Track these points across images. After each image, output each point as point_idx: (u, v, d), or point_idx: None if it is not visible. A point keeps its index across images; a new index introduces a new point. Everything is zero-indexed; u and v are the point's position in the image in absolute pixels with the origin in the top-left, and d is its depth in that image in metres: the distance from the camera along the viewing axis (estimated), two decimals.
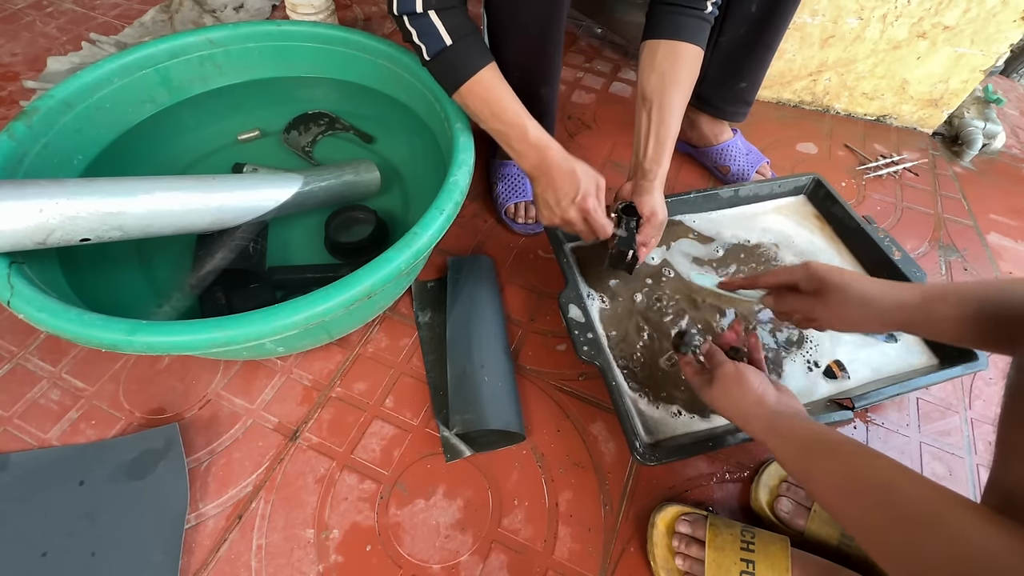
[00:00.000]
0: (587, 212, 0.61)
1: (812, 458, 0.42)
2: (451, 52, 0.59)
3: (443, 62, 0.60)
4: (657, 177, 0.65)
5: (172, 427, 0.62)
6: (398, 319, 0.74)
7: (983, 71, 0.99)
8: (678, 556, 0.54)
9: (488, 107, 0.61)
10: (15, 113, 0.69)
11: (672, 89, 0.66)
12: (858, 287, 0.51)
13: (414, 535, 0.58)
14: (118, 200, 0.54)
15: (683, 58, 0.66)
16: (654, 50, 0.67)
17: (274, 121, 0.86)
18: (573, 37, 1.26)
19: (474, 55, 0.60)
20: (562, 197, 0.61)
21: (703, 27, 0.67)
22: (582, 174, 0.61)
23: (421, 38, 0.59)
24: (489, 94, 0.61)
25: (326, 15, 1.09)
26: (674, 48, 0.66)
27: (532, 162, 0.62)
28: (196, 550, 0.56)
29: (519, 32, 0.64)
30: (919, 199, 0.97)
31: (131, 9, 1.24)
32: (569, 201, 0.61)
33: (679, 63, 0.66)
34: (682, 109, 0.67)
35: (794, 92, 1.11)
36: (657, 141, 0.66)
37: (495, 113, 0.61)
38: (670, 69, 0.66)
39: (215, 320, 0.47)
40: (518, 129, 0.61)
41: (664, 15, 0.67)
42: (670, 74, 0.66)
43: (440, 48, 0.59)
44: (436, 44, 0.59)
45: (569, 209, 0.62)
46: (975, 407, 0.71)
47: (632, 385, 0.66)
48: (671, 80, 0.66)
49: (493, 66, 0.61)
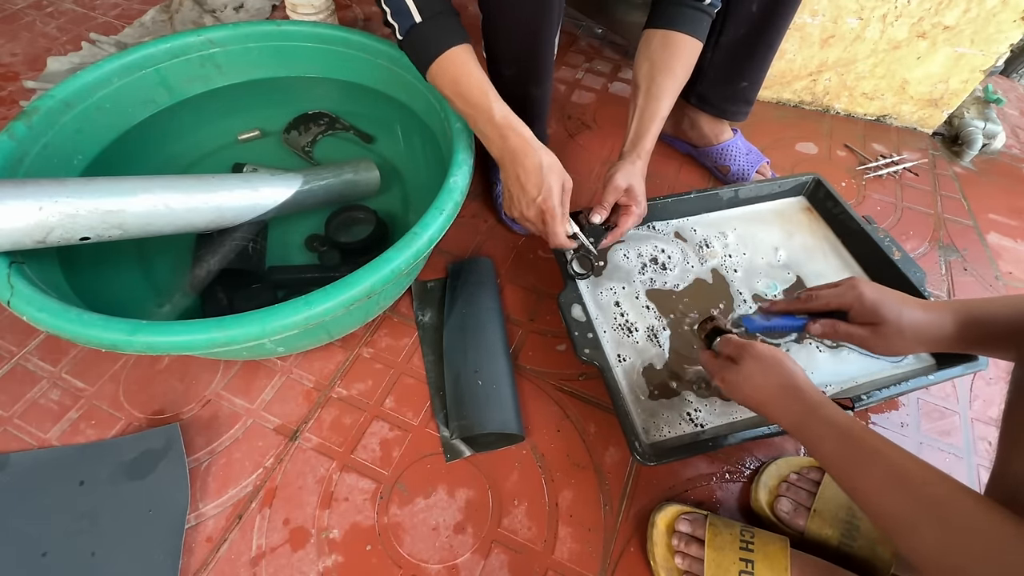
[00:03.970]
0: (545, 214, 0.60)
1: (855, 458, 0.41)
2: (421, 29, 0.57)
3: (414, 40, 0.58)
4: (637, 157, 0.65)
5: (172, 427, 0.62)
6: (398, 319, 0.74)
7: (983, 71, 0.99)
8: (678, 555, 0.54)
9: (455, 86, 0.58)
10: (15, 113, 0.69)
11: (661, 76, 0.66)
12: (911, 321, 0.51)
13: (414, 535, 0.58)
14: (118, 199, 0.54)
15: (676, 47, 0.66)
16: (649, 39, 0.68)
17: (274, 121, 0.86)
18: (573, 37, 1.26)
19: (445, 33, 0.58)
20: (524, 193, 0.59)
21: (701, 18, 0.67)
22: (547, 171, 0.58)
23: (394, 16, 0.58)
24: (456, 73, 0.58)
25: (326, 15, 1.09)
26: (668, 37, 0.67)
27: (498, 146, 0.59)
28: (196, 550, 0.56)
29: (511, 31, 0.64)
30: (919, 199, 0.97)
31: (131, 9, 1.24)
32: (530, 199, 0.59)
33: (670, 51, 0.66)
34: (671, 96, 0.67)
35: (794, 92, 1.11)
36: (640, 124, 0.66)
37: (461, 92, 0.58)
38: (661, 57, 0.67)
39: (215, 320, 0.47)
40: (484, 111, 0.58)
41: (663, 6, 0.68)
42: (660, 62, 0.66)
43: (410, 25, 0.57)
44: (406, 21, 0.57)
45: (530, 207, 0.60)
46: (975, 407, 0.71)
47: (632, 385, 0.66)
48: (660, 67, 0.66)
49: (465, 46, 0.58)
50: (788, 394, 0.46)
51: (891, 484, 0.38)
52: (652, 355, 0.69)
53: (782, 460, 0.62)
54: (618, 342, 0.70)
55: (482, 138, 0.61)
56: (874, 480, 0.39)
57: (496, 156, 0.61)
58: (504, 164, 0.60)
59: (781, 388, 0.47)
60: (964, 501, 0.34)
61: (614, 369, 0.66)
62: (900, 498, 0.37)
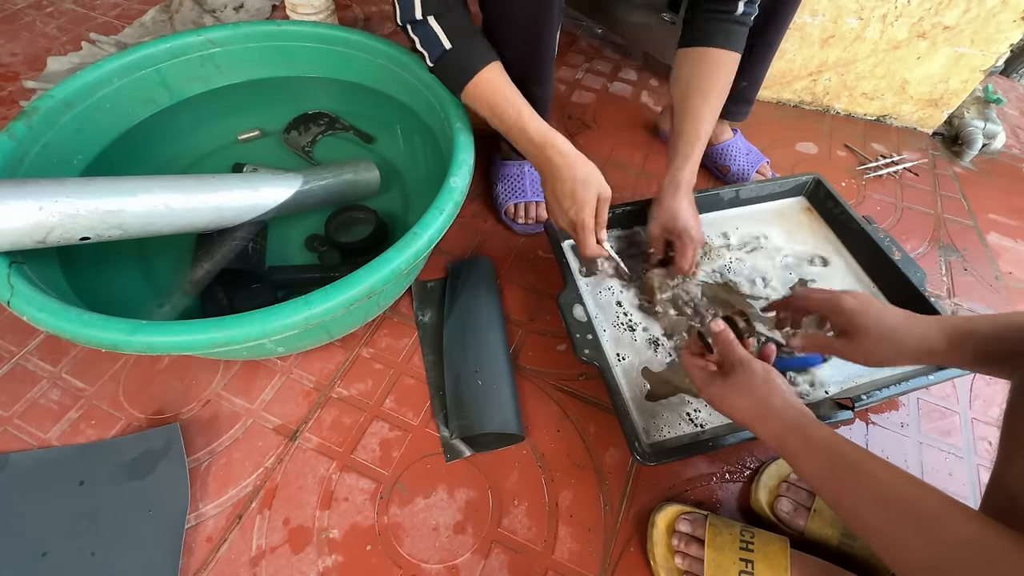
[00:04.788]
0: (576, 226, 0.61)
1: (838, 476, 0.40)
2: (452, 55, 0.60)
3: (445, 66, 0.61)
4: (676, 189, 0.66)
5: (172, 427, 0.62)
6: (398, 319, 0.74)
7: (983, 71, 0.99)
8: (678, 555, 0.54)
9: (489, 108, 0.62)
10: (15, 113, 0.69)
11: (693, 96, 0.66)
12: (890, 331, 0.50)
13: (414, 535, 0.58)
14: (118, 198, 0.54)
15: (706, 64, 0.66)
16: (681, 61, 0.68)
17: (274, 121, 0.86)
18: (573, 37, 1.26)
19: (475, 56, 0.61)
20: (559, 205, 0.62)
21: (734, 30, 0.66)
22: (582, 186, 0.59)
23: (424, 45, 0.60)
24: (490, 95, 0.61)
25: (326, 15, 1.09)
26: (699, 55, 0.66)
27: (536, 161, 0.62)
28: (196, 550, 0.56)
29: (511, 31, 0.64)
30: (919, 199, 0.97)
31: (131, 9, 1.24)
32: (564, 211, 0.61)
33: (701, 69, 0.66)
34: (708, 114, 0.66)
35: (794, 92, 1.11)
36: (674, 149, 0.67)
37: (496, 114, 0.62)
38: (691, 77, 0.66)
39: (215, 320, 0.47)
40: (520, 131, 0.61)
41: (693, 22, 0.67)
42: (691, 82, 0.66)
43: (441, 52, 0.60)
44: (437, 49, 0.60)
45: (563, 218, 0.62)
46: (975, 407, 0.71)
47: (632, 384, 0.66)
48: (692, 88, 0.66)
49: (495, 65, 0.61)
50: (768, 413, 0.46)
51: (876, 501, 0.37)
52: (651, 355, 0.69)
53: (782, 460, 0.62)
54: (617, 340, 0.70)
55: (522, 151, 0.63)
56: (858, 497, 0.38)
57: (536, 168, 0.63)
58: (543, 177, 0.63)
59: (761, 406, 0.46)
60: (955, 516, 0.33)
61: (614, 369, 0.66)
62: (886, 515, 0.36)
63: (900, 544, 0.35)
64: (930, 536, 0.34)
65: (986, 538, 0.31)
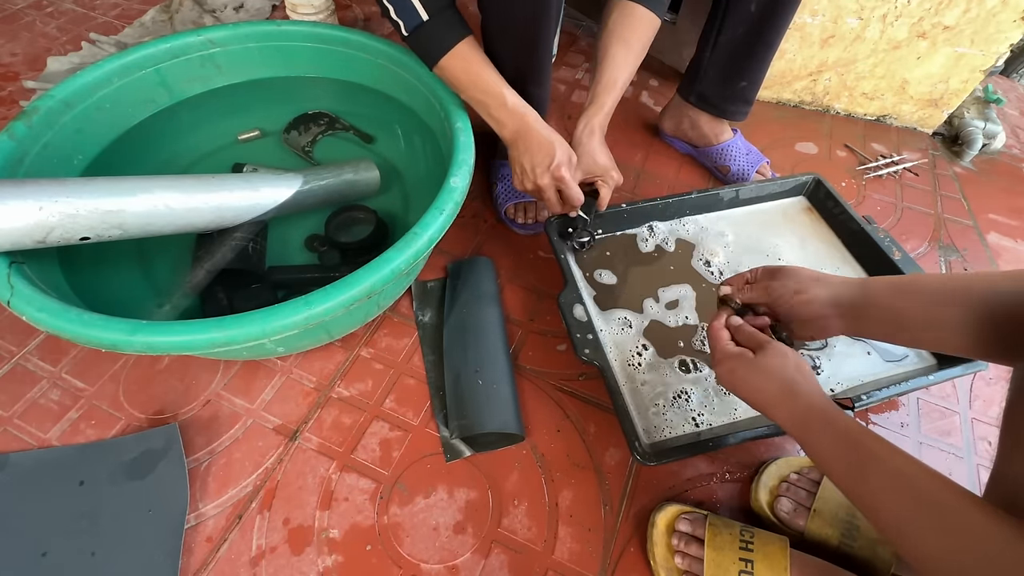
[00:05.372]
0: (560, 180, 0.65)
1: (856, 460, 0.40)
2: (429, 27, 0.61)
3: (421, 37, 0.62)
4: (592, 132, 0.68)
5: (172, 427, 0.62)
6: (398, 319, 0.74)
7: (983, 71, 0.99)
8: (677, 555, 0.54)
9: (468, 77, 0.64)
10: (15, 113, 0.69)
11: (615, 44, 0.69)
12: (808, 271, 0.53)
13: (414, 535, 0.58)
14: (118, 199, 0.54)
15: (632, 17, 0.69)
16: (608, 12, 0.70)
17: (274, 121, 0.86)
18: (573, 37, 1.26)
19: (452, 28, 0.62)
20: (537, 163, 0.64)
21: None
22: (558, 144, 0.64)
23: (399, 14, 0.61)
24: (468, 66, 0.63)
25: (326, 15, 1.09)
26: (626, 8, 0.69)
27: (511, 129, 0.65)
28: (196, 550, 0.56)
29: (510, 31, 0.65)
30: (919, 199, 0.97)
31: (131, 9, 1.24)
32: (544, 168, 0.64)
33: (625, 22, 0.69)
34: (627, 64, 0.69)
35: (794, 92, 1.11)
36: (592, 94, 0.69)
37: (474, 83, 0.64)
38: (615, 26, 0.69)
39: (215, 320, 0.47)
40: (497, 98, 0.64)
41: None
42: (616, 31, 0.69)
43: (418, 23, 0.61)
44: (413, 19, 0.61)
45: (543, 175, 0.64)
46: (975, 407, 0.71)
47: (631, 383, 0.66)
48: (616, 36, 0.69)
49: (471, 39, 0.63)
50: (789, 395, 0.45)
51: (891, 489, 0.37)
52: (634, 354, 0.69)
53: (782, 460, 0.62)
54: (617, 341, 0.70)
55: (493, 123, 0.66)
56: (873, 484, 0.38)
57: (508, 138, 0.66)
58: (517, 142, 0.65)
59: (784, 388, 0.46)
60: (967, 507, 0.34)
61: (614, 369, 0.66)
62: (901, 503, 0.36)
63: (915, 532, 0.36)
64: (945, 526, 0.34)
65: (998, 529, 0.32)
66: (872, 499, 0.38)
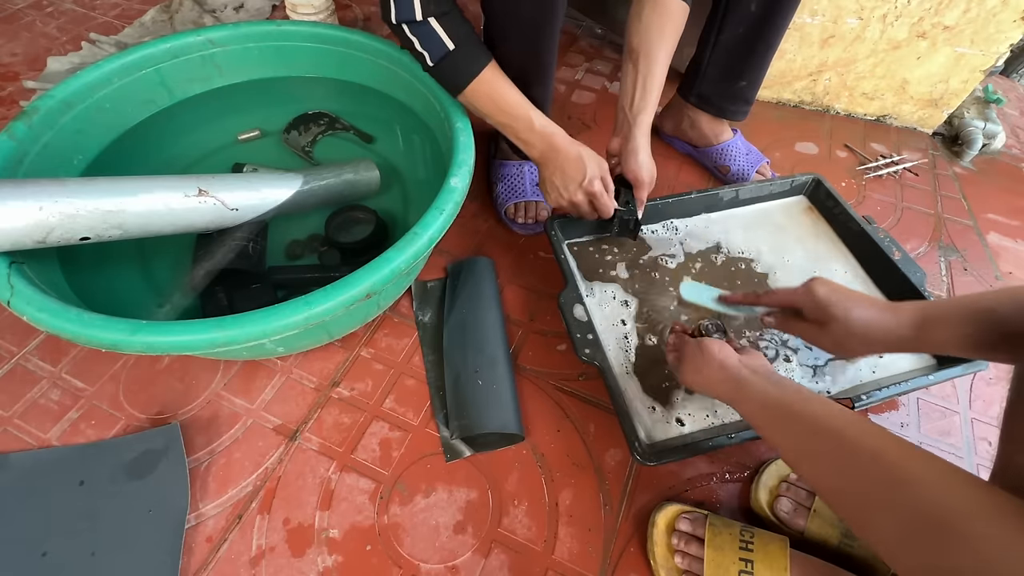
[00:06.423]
0: (593, 195, 0.66)
1: (773, 420, 0.44)
2: (454, 56, 0.61)
3: (447, 67, 0.62)
4: (641, 130, 0.68)
5: (172, 427, 0.62)
6: (398, 319, 0.74)
7: (983, 71, 0.99)
8: (677, 555, 0.54)
9: (494, 103, 0.64)
10: (15, 113, 0.69)
11: (658, 41, 0.67)
12: (861, 321, 0.51)
13: (414, 535, 0.58)
14: (118, 198, 0.54)
15: (668, 12, 0.68)
16: (641, 4, 0.68)
17: (274, 121, 0.86)
18: (573, 37, 1.26)
19: (476, 56, 0.62)
20: (569, 181, 0.65)
21: None
22: (588, 159, 0.65)
23: (424, 45, 0.61)
24: (494, 91, 0.64)
25: (326, 15, 1.09)
26: (660, 2, 0.67)
27: (540, 149, 0.66)
28: (196, 550, 0.56)
29: (515, 32, 0.65)
30: (919, 199, 0.97)
31: (131, 9, 1.24)
32: (576, 185, 0.65)
33: (664, 17, 0.67)
34: (667, 64, 0.69)
35: (794, 92, 1.11)
36: (644, 90, 0.68)
37: (501, 108, 0.64)
38: (656, 22, 0.67)
39: (215, 320, 0.47)
40: (524, 121, 0.64)
41: None
42: (656, 27, 0.67)
43: (443, 53, 0.61)
44: (439, 50, 0.61)
45: (576, 192, 0.66)
46: (975, 407, 0.71)
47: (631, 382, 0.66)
48: (658, 33, 0.67)
49: (493, 63, 0.63)
50: (720, 375, 0.50)
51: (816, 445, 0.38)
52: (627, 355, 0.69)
53: (782, 460, 0.62)
54: (617, 341, 0.70)
55: (521, 144, 0.67)
56: (793, 441, 0.40)
57: (536, 158, 0.67)
58: (547, 163, 0.66)
59: (717, 371, 0.51)
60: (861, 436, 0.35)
61: (614, 369, 0.66)
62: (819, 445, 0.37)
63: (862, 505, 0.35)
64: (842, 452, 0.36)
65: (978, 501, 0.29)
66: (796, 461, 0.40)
